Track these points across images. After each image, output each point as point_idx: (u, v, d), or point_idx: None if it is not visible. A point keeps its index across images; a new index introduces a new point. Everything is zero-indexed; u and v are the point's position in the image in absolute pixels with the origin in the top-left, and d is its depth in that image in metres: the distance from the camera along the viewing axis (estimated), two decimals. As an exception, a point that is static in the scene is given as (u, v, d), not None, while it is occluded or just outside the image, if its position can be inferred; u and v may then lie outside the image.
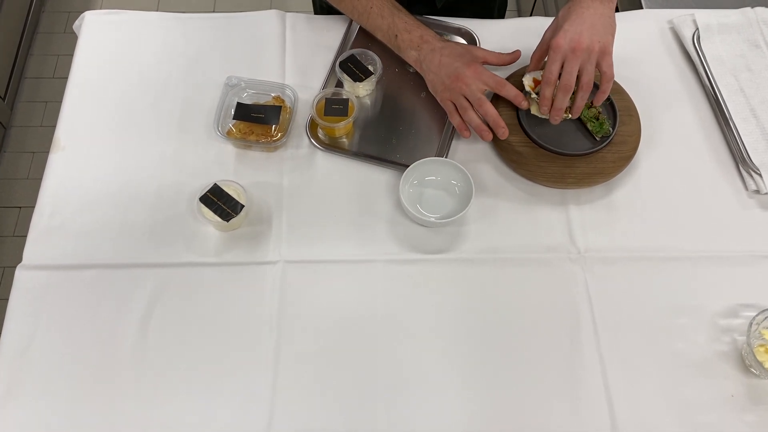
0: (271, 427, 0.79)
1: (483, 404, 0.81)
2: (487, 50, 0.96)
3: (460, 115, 0.94)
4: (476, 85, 0.91)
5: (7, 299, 0.86)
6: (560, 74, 0.87)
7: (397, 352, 0.84)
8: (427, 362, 0.83)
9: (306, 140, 0.98)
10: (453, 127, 0.98)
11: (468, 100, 0.92)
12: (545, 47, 0.92)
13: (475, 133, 0.95)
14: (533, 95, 0.95)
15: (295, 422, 0.80)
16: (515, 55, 0.97)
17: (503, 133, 0.92)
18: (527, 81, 0.97)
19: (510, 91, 0.92)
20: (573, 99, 0.90)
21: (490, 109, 0.91)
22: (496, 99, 0.97)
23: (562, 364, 0.84)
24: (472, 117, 0.93)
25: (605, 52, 0.87)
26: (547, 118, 0.93)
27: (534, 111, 0.96)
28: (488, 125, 0.93)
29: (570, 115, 0.92)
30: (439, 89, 0.94)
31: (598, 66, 0.88)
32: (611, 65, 0.88)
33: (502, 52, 0.97)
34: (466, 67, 0.91)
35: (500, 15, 1.25)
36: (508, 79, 1.01)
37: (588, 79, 0.87)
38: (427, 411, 0.80)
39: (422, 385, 0.82)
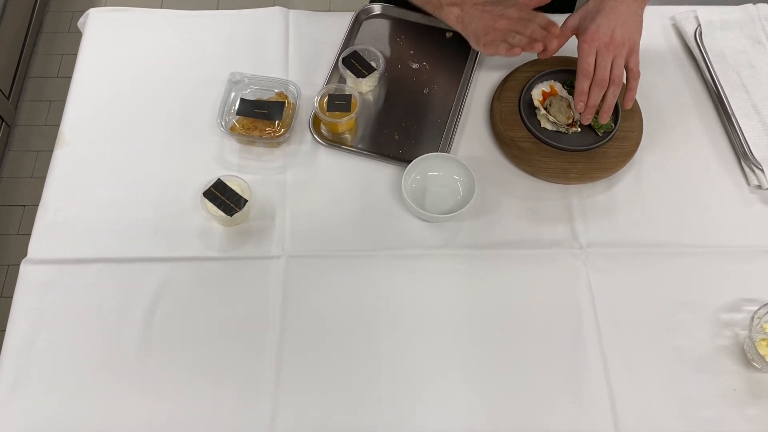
0: (275, 421, 0.79)
1: (485, 398, 0.81)
2: None
3: (510, 45, 0.95)
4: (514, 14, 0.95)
5: (10, 297, 0.86)
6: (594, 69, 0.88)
7: (399, 345, 0.84)
8: (429, 356, 0.84)
9: (309, 136, 0.99)
10: (456, 122, 0.98)
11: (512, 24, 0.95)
12: (568, 33, 0.94)
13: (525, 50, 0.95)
14: (542, 111, 0.96)
15: (299, 415, 0.80)
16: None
17: (553, 46, 0.94)
18: (536, 95, 0.98)
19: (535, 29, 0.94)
20: (603, 98, 0.90)
21: (536, 28, 0.93)
22: (502, 84, 0.99)
23: (564, 359, 0.84)
24: (520, 39, 0.94)
25: (634, 50, 0.88)
26: (558, 129, 0.94)
27: (544, 124, 0.96)
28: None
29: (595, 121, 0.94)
30: (482, 34, 0.95)
31: (626, 63, 0.88)
32: (638, 63, 0.89)
33: None
34: (503, 7, 0.95)
35: None
36: (510, 75, 1.01)
37: (619, 73, 0.88)
38: (430, 404, 0.81)
39: (424, 379, 0.82)
